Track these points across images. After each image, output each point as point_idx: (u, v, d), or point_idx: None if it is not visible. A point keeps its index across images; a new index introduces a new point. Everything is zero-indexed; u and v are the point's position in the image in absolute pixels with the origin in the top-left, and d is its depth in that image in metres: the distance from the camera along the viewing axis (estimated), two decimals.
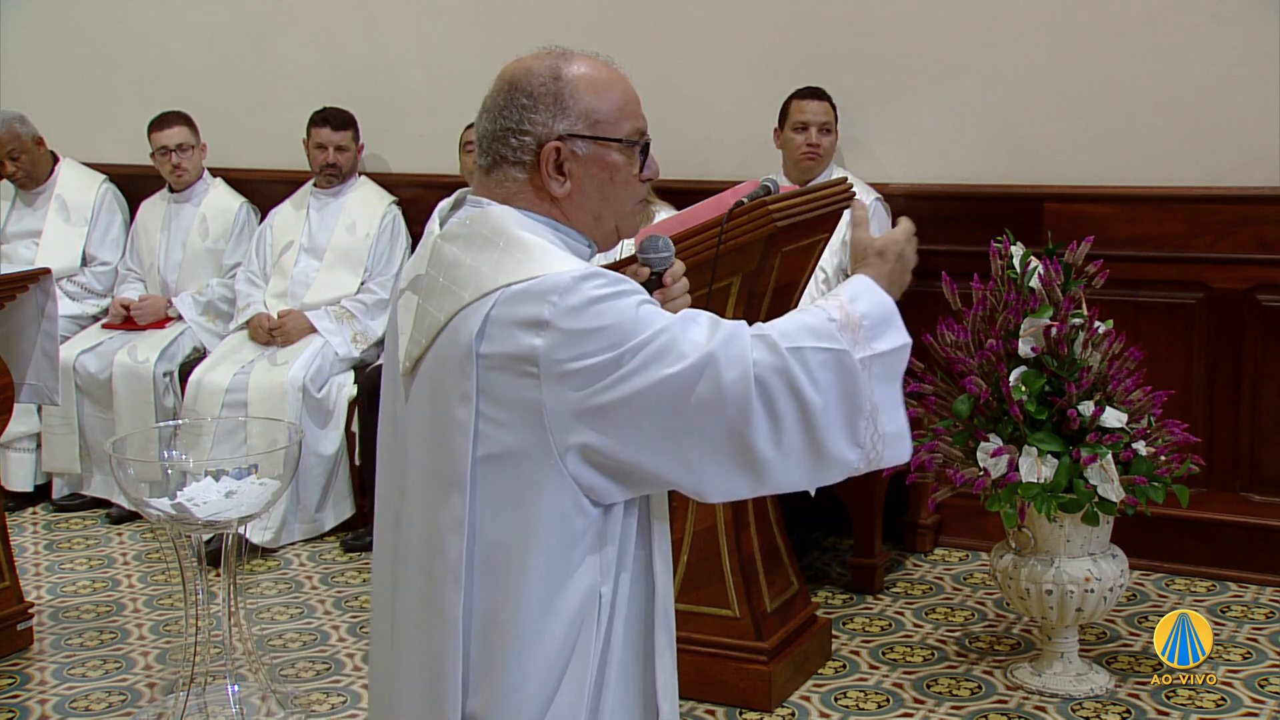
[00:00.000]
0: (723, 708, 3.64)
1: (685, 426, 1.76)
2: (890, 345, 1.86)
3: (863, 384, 1.83)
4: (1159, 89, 4.48)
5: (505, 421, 1.77)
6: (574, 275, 1.76)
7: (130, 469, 3.43)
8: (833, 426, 1.81)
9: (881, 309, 1.88)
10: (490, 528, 1.80)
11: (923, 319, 4.27)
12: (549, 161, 1.87)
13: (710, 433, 1.77)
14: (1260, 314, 4.40)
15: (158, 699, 3.81)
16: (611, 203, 1.93)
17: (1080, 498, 3.50)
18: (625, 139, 1.91)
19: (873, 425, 1.84)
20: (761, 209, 3.34)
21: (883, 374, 1.85)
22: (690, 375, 1.74)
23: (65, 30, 6.26)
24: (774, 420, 1.78)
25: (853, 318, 1.84)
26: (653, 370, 1.74)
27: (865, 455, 1.85)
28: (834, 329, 1.82)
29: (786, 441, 1.79)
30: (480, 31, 5.38)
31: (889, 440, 1.87)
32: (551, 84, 1.88)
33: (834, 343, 1.82)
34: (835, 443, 1.82)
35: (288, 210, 5.50)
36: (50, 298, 4.19)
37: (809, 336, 1.81)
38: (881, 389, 1.85)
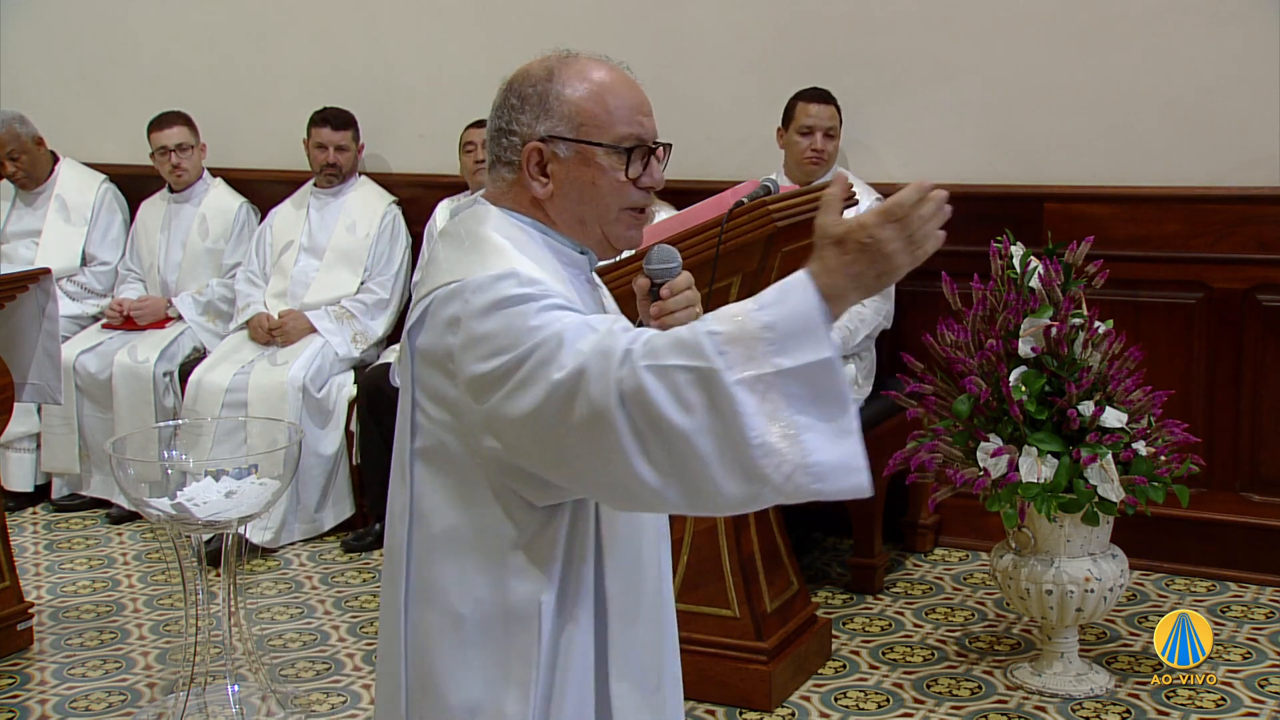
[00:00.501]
0: (723, 708, 3.64)
1: (570, 441, 1.66)
2: (801, 361, 1.58)
3: (745, 408, 1.57)
4: (1159, 89, 4.48)
5: (435, 417, 1.79)
6: (492, 275, 1.74)
7: (130, 469, 3.43)
8: (706, 454, 1.59)
9: (796, 318, 1.59)
10: (434, 520, 1.82)
11: (923, 319, 4.31)
12: (530, 162, 1.87)
13: (592, 449, 1.64)
14: (1260, 314, 4.40)
15: (158, 699, 3.81)
16: (594, 208, 1.89)
17: (1080, 498, 3.50)
18: (610, 143, 1.86)
19: (779, 456, 1.57)
20: (761, 209, 3.34)
21: (801, 394, 1.58)
22: (567, 390, 1.64)
23: (65, 30, 6.26)
24: (640, 442, 1.61)
25: (749, 329, 1.59)
26: (538, 382, 1.66)
27: (774, 488, 1.59)
28: (709, 343, 1.59)
29: (661, 466, 1.62)
30: (480, 31, 5.38)
31: (824, 472, 1.59)
32: (541, 85, 1.87)
33: (700, 360, 1.58)
34: (713, 471, 1.60)
35: (288, 210, 5.50)
36: (51, 297, 4.19)
37: (675, 352, 1.60)
38: (802, 411, 1.58)
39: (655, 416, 1.59)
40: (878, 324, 4.55)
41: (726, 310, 1.63)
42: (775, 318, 1.59)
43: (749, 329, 1.59)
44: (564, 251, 1.90)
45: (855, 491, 1.61)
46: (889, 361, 4.52)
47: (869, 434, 4.44)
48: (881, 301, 4.54)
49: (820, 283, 1.60)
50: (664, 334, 1.64)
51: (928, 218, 1.62)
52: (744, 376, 1.58)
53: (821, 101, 4.59)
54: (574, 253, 1.92)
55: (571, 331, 1.67)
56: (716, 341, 1.59)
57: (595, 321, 1.70)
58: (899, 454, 3.76)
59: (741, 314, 1.61)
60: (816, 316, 1.59)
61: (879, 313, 4.54)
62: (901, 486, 4.45)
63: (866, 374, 4.58)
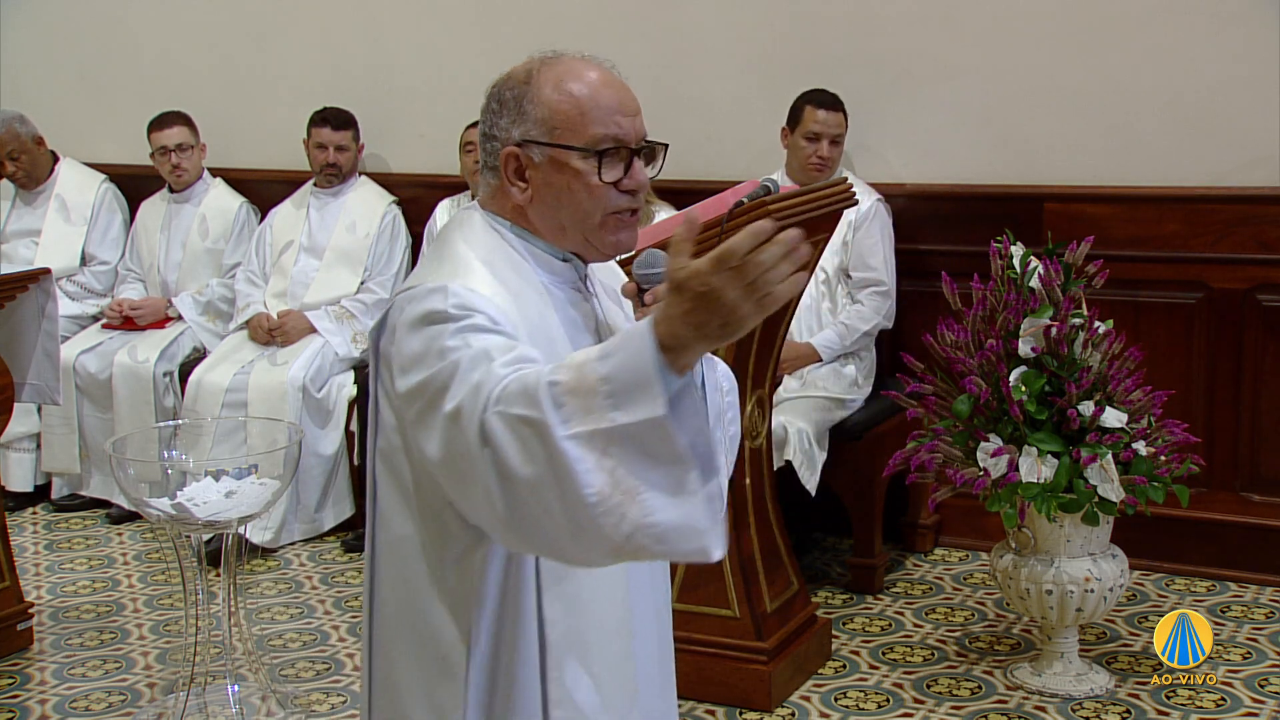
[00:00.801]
0: (722, 708, 3.64)
1: (455, 471, 1.65)
2: (634, 417, 1.50)
3: (581, 464, 1.51)
4: (1159, 89, 4.48)
5: (386, 420, 1.80)
6: (428, 287, 1.73)
7: (130, 469, 3.43)
8: (547, 508, 1.54)
9: (631, 370, 1.50)
10: (390, 525, 1.82)
11: (923, 319, 4.31)
12: (507, 168, 1.84)
13: (468, 483, 1.62)
14: (1260, 314, 4.40)
15: (158, 699, 3.81)
16: (573, 213, 1.84)
17: (1080, 498, 3.50)
18: (583, 146, 1.82)
19: (617, 515, 1.51)
20: (762, 209, 3.34)
21: (639, 451, 1.51)
22: (451, 421, 1.62)
23: (65, 30, 6.26)
24: (500, 486, 1.57)
25: (587, 381, 1.52)
26: (434, 409, 1.65)
27: (614, 547, 1.54)
28: (546, 395, 1.53)
29: (513, 513, 1.58)
30: (480, 31, 5.38)
31: (664, 534, 1.52)
32: (520, 89, 1.84)
33: (536, 411, 1.53)
34: (553, 526, 1.55)
35: (288, 210, 5.50)
36: (50, 297, 4.19)
37: (519, 400, 1.55)
38: (643, 467, 1.51)
39: (502, 464, 1.56)
40: (877, 323, 4.55)
41: (575, 355, 1.58)
42: (612, 369, 1.51)
43: (587, 380, 1.52)
44: (544, 259, 1.87)
45: (701, 555, 1.54)
46: (889, 361, 4.52)
47: (870, 434, 4.50)
48: (881, 300, 4.54)
49: (660, 331, 1.50)
50: (520, 377, 1.58)
51: (769, 264, 1.47)
52: (579, 431, 1.51)
53: (831, 108, 4.55)
54: (555, 260, 1.88)
55: (468, 362, 1.63)
56: (555, 393, 1.53)
57: (496, 350, 1.64)
58: (899, 454, 3.76)
59: (584, 362, 1.54)
60: (650, 370, 1.50)
61: (879, 311, 4.54)
62: (902, 486, 4.45)
63: (866, 374, 4.58)
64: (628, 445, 1.51)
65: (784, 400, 4.35)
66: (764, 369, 3.69)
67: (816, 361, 4.49)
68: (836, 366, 4.52)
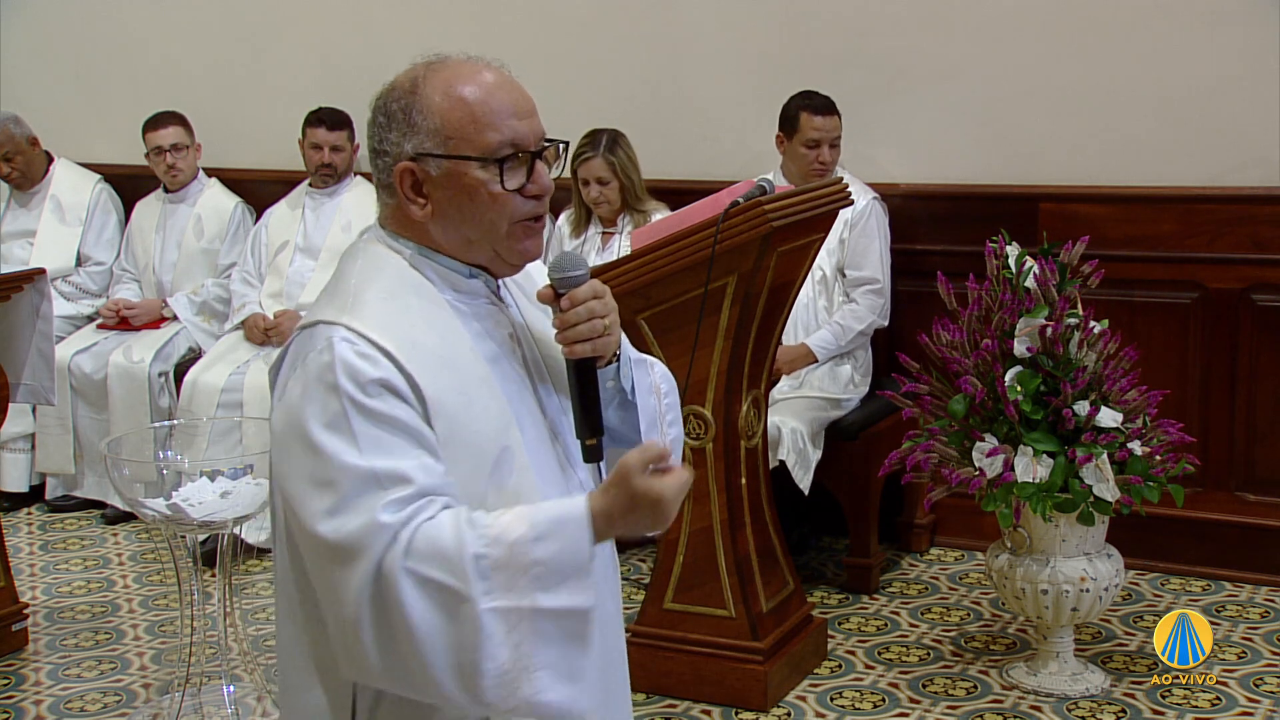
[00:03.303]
0: (718, 708, 3.64)
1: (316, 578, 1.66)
2: (561, 604, 1.59)
3: (491, 636, 1.57)
4: (1155, 89, 4.48)
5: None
6: (319, 346, 1.68)
7: (125, 469, 3.42)
8: (438, 665, 1.58)
9: (566, 561, 1.60)
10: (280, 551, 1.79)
11: (918, 319, 4.32)
12: (404, 184, 1.76)
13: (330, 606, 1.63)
14: (1255, 314, 4.41)
15: (153, 699, 3.81)
16: (479, 225, 1.76)
17: (1075, 497, 3.51)
18: (482, 155, 1.73)
19: (509, 688, 1.58)
20: (757, 209, 3.34)
21: (550, 632, 1.59)
22: (327, 548, 1.61)
23: (60, 30, 6.25)
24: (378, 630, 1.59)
25: (520, 559, 1.58)
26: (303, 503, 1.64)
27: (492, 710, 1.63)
28: (473, 568, 1.57)
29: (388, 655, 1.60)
30: (476, 31, 5.38)
31: (546, 712, 1.61)
32: (406, 99, 1.75)
33: (459, 582, 1.57)
34: (439, 681, 1.59)
35: (283, 210, 5.49)
36: (45, 298, 4.19)
37: (438, 564, 1.57)
38: (546, 647, 1.59)
39: (399, 618, 1.57)
40: (873, 322, 4.55)
41: (500, 530, 1.59)
42: (547, 555, 1.59)
43: (519, 560, 1.58)
44: (451, 277, 1.80)
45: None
46: (885, 361, 4.52)
47: (865, 434, 4.50)
48: (875, 299, 4.54)
49: (598, 525, 1.62)
50: (432, 531, 1.59)
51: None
52: (498, 606, 1.57)
53: (827, 113, 4.51)
54: (462, 278, 1.81)
55: (355, 481, 1.61)
56: (482, 567, 1.57)
57: (385, 470, 1.61)
58: (895, 454, 3.76)
59: (513, 540, 1.58)
60: (585, 562, 1.61)
61: (874, 310, 4.54)
62: (897, 486, 4.46)
63: (863, 373, 4.58)
64: (541, 625, 1.59)
65: (779, 400, 4.35)
66: (759, 369, 3.69)
67: (812, 362, 4.49)
68: (832, 366, 4.52)
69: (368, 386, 1.64)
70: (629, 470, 1.62)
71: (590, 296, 1.80)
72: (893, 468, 3.79)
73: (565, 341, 1.80)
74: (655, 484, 1.62)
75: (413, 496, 1.61)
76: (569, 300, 1.79)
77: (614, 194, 4.66)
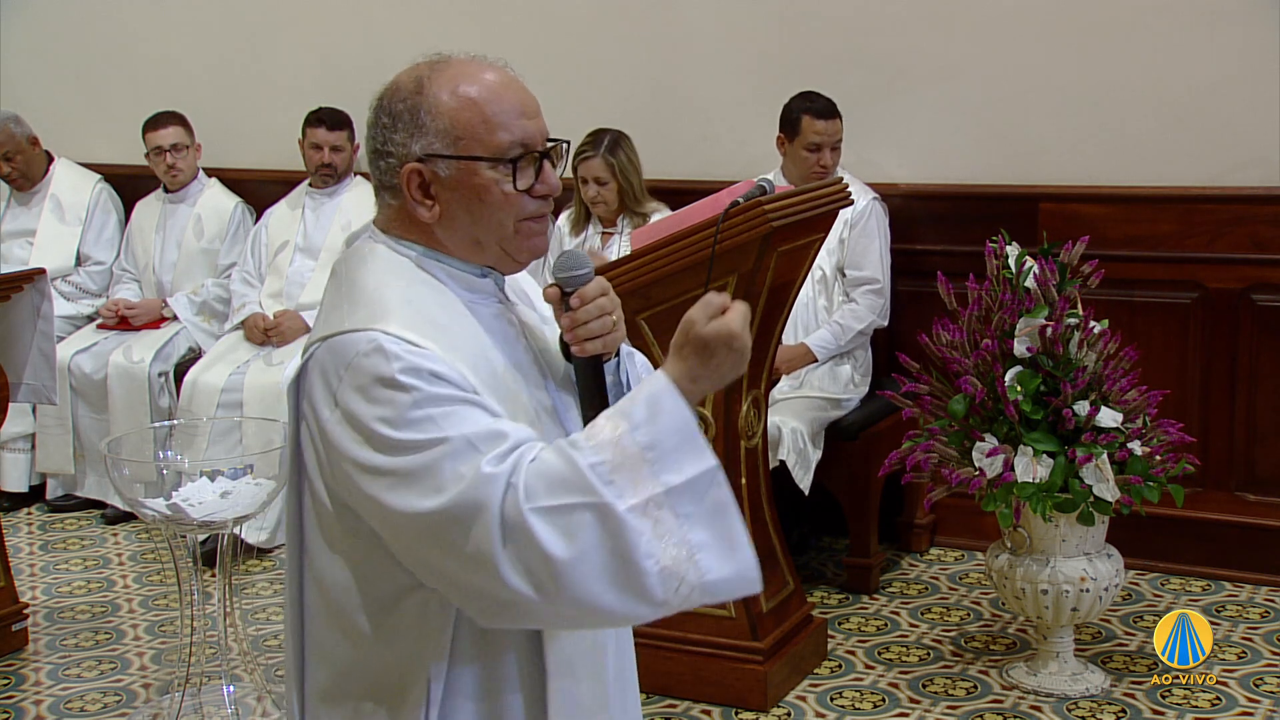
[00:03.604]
0: (718, 708, 3.64)
1: (438, 558, 1.61)
2: (686, 475, 1.57)
3: (639, 536, 1.54)
4: (1155, 89, 4.48)
5: (313, 474, 1.72)
6: (360, 351, 1.63)
7: (125, 469, 3.42)
8: (599, 584, 1.55)
9: (674, 432, 1.58)
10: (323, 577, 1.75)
11: (918, 319, 4.32)
12: (411, 186, 1.73)
13: (462, 572, 1.59)
14: (1255, 314, 4.41)
15: (153, 699, 3.81)
16: (487, 225, 1.75)
17: (1075, 497, 3.50)
18: (493, 155, 1.72)
19: (675, 579, 1.56)
20: (757, 209, 3.34)
21: (691, 510, 1.57)
22: (446, 517, 1.57)
23: (61, 30, 6.25)
24: (528, 574, 1.56)
25: (630, 453, 1.56)
26: (405, 496, 1.59)
27: (668, 608, 1.59)
28: (594, 475, 1.55)
29: (549, 594, 1.56)
30: (476, 31, 5.38)
31: (718, 589, 1.60)
32: (412, 99, 1.73)
33: (590, 495, 1.55)
34: (604, 598, 1.56)
35: (283, 210, 5.49)
36: (45, 298, 4.19)
37: (561, 489, 1.55)
38: (694, 528, 1.57)
39: (544, 556, 1.54)
40: (872, 322, 4.55)
41: (600, 434, 1.59)
42: (653, 436, 1.57)
43: (630, 452, 1.57)
44: (462, 277, 1.78)
45: (748, 590, 1.64)
46: (885, 361, 4.52)
47: (865, 434, 4.50)
48: (875, 299, 4.53)
49: (684, 388, 1.61)
50: (542, 467, 1.57)
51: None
52: (634, 503, 1.55)
53: (829, 117, 4.49)
54: (474, 277, 1.79)
55: (450, 448, 1.58)
56: (602, 473, 1.55)
57: (474, 434, 1.59)
58: (895, 454, 3.76)
59: (617, 437, 1.57)
60: (692, 426, 1.59)
61: (873, 310, 4.54)
62: (897, 486, 4.46)
63: (863, 373, 4.58)
64: (680, 506, 1.56)
65: (779, 400, 4.35)
66: (759, 369, 3.69)
67: (812, 362, 4.48)
68: (832, 366, 4.52)
69: (427, 376, 1.62)
70: (693, 322, 1.63)
71: (599, 294, 1.79)
72: (893, 468, 3.79)
73: (576, 340, 1.79)
74: (719, 322, 1.62)
75: (511, 447, 1.60)
76: (579, 299, 1.78)
77: (611, 195, 4.66)
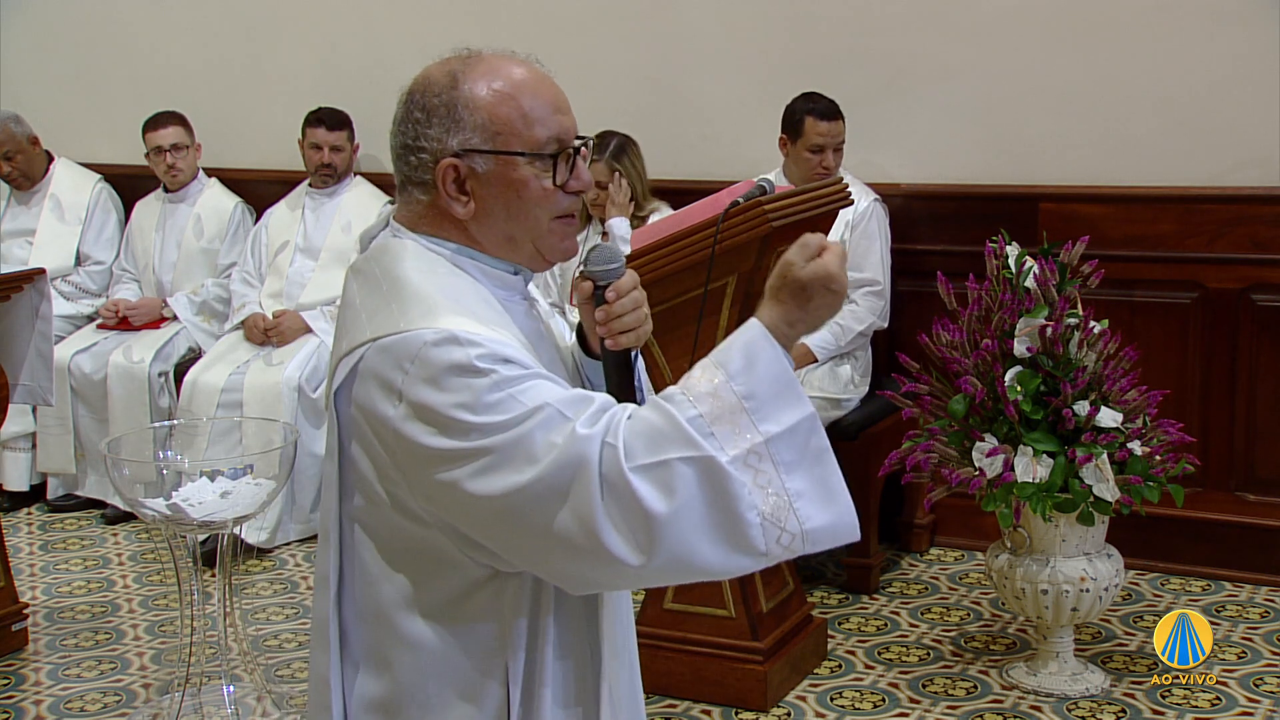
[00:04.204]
0: (718, 708, 3.64)
1: (535, 536, 1.58)
2: (786, 424, 1.57)
3: (741, 488, 1.54)
4: (1155, 89, 4.48)
5: (370, 479, 1.68)
6: (429, 340, 1.60)
7: (125, 469, 3.42)
8: (703, 538, 1.55)
9: (772, 381, 1.58)
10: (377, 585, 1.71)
11: (918, 319, 4.32)
12: (446, 181, 1.71)
13: (564, 546, 1.57)
14: (1255, 313, 4.41)
15: (153, 699, 3.81)
16: (523, 222, 1.73)
17: (1075, 497, 3.50)
18: (532, 151, 1.71)
19: (777, 529, 1.57)
20: (757, 209, 3.34)
21: (791, 458, 1.57)
22: (544, 488, 1.55)
23: (61, 30, 6.25)
24: (631, 538, 1.54)
25: (728, 403, 1.56)
26: (497, 475, 1.56)
27: (769, 558, 1.60)
28: (695, 429, 1.55)
29: (651, 554, 1.55)
30: (477, 30, 5.35)
31: (819, 537, 1.59)
32: (447, 94, 1.71)
33: (693, 449, 1.54)
34: (707, 552, 1.56)
35: (283, 210, 5.49)
36: (45, 298, 4.18)
37: (663, 444, 1.55)
38: (794, 477, 1.57)
39: (645, 513, 1.53)
40: (872, 323, 4.55)
41: (696, 386, 1.58)
42: (751, 385, 1.57)
43: (729, 402, 1.56)
44: (495, 275, 1.77)
45: (847, 538, 1.62)
46: (885, 361, 4.52)
47: (865, 434, 4.49)
48: (875, 300, 4.53)
49: (780, 333, 1.60)
50: (638, 423, 1.57)
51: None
52: (736, 454, 1.55)
53: (832, 118, 4.49)
54: (507, 274, 1.78)
55: (540, 424, 1.56)
56: (702, 425, 1.55)
57: (563, 404, 1.58)
58: (895, 454, 3.76)
59: (714, 387, 1.57)
60: (789, 373, 1.59)
61: (873, 311, 4.54)
62: (897, 486, 4.46)
63: (863, 373, 4.58)
64: (781, 454, 1.56)
65: None
66: None
67: (812, 362, 4.49)
68: (832, 366, 4.52)
69: (501, 361, 1.60)
70: (791, 264, 1.62)
71: (632, 287, 1.80)
72: (893, 468, 3.79)
73: (610, 333, 1.78)
74: (818, 263, 1.61)
75: (599, 409, 1.59)
76: (615, 292, 1.78)
77: (621, 195, 4.65)
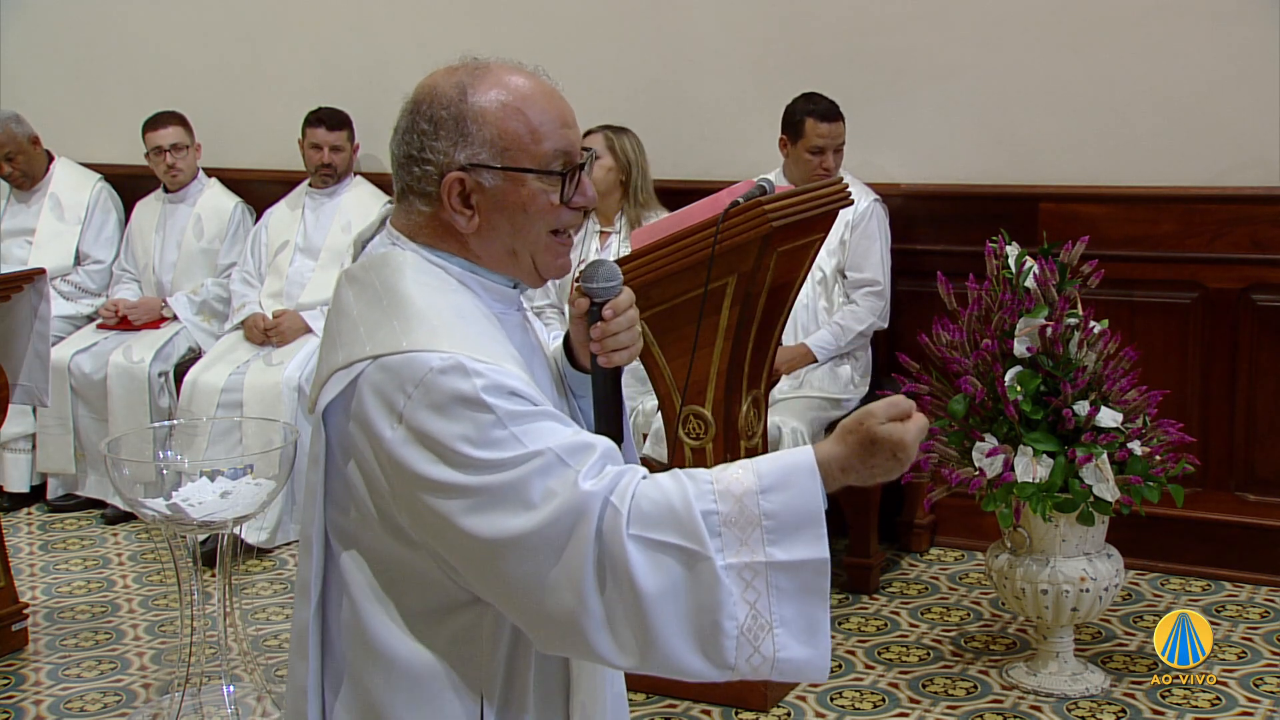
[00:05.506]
0: (718, 707, 3.64)
1: (515, 580, 1.57)
2: (796, 557, 1.55)
3: (728, 596, 1.54)
4: (1155, 89, 4.48)
5: (357, 492, 1.67)
6: (435, 367, 1.58)
7: (125, 469, 3.42)
8: (676, 633, 1.54)
9: (799, 512, 1.56)
10: (356, 599, 1.70)
11: (918, 319, 4.31)
12: (451, 195, 1.69)
13: (545, 590, 1.56)
14: (1255, 313, 4.41)
15: (153, 699, 3.81)
16: (525, 236, 1.72)
17: (1075, 497, 3.50)
18: (540, 168, 1.70)
19: (750, 648, 1.55)
20: (757, 209, 3.34)
21: (787, 588, 1.56)
22: (533, 538, 1.54)
23: (61, 30, 6.25)
24: (607, 609, 1.55)
25: (748, 513, 1.55)
26: (492, 516, 1.55)
27: (735, 672, 1.58)
28: (705, 526, 1.54)
29: (621, 633, 1.55)
30: (476, 30, 5.38)
31: (787, 669, 1.57)
32: (455, 107, 1.69)
33: (695, 543, 1.54)
34: (677, 648, 1.55)
35: (283, 210, 5.49)
36: (44, 298, 4.18)
37: (667, 527, 1.54)
38: (783, 604, 1.56)
39: (631, 590, 1.53)
40: (872, 323, 4.55)
41: (727, 483, 1.56)
42: (777, 507, 1.56)
43: (749, 513, 1.55)
44: (494, 289, 1.76)
45: (812, 677, 1.62)
46: (885, 361, 4.53)
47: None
48: (875, 300, 4.53)
49: (827, 473, 1.58)
50: (654, 491, 1.56)
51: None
52: (733, 563, 1.54)
53: (832, 119, 4.48)
54: (506, 288, 1.77)
55: (538, 463, 1.56)
56: (713, 523, 1.54)
57: (561, 448, 1.57)
58: None
59: (742, 492, 1.56)
60: (818, 513, 1.57)
61: (873, 312, 4.54)
62: (897, 486, 4.46)
63: (863, 373, 4.58)
64: (777, 580, 1.55)
65: (779, 400, 4.35)
66: (759, 369, 3.69)
67: (812, 362, 4.49)
68: (832, 366, 4.52)
69: (507, 394, 1.59)
70: (873, 415, 1.59)
71: (628, 305, 1.80)
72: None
73: (604, 350, 1.79)
74: (898, 427, 1.59)
75: (601, 461, 1.58)
76: (612, 310, 1.79)
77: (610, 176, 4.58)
